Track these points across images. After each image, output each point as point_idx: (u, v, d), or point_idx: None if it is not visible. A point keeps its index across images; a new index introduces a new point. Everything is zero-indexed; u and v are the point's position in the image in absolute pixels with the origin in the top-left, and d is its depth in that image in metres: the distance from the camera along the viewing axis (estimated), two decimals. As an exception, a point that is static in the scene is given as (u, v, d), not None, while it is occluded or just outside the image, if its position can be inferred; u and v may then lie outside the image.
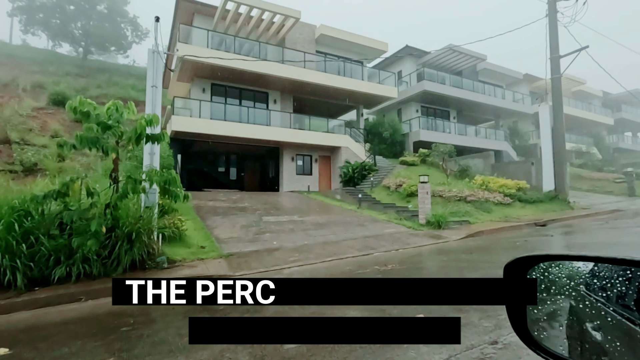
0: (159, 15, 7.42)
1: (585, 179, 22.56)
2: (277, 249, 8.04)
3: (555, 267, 0.86)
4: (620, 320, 0.66)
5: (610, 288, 0.73)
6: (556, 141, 14.91)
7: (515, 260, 0.87)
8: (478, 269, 5.48)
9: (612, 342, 0.68)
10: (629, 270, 0.69)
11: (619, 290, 0.71)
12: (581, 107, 33.83)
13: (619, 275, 0.72)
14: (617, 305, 0.70)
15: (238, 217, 11.13)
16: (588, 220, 11.60)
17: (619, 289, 0.71)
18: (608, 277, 0.75)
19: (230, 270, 6.37)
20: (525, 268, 0.87)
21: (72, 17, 41.24)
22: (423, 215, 10.91)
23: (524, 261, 0.87)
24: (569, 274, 0.84)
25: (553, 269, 0.86)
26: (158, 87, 7.48)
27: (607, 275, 0.76)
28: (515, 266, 0.87)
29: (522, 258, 0.87)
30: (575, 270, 0.83)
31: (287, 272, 6.28)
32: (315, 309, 3.75)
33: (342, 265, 6.50)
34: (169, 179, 5.67)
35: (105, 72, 35.78)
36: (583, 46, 14.61)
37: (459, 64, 27.11)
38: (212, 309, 3.91)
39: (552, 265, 0.86)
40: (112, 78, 33.62)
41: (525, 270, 0.87)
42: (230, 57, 16.19)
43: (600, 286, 0.77)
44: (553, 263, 0.86)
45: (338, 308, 3.62)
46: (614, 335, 0.68)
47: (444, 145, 17.56)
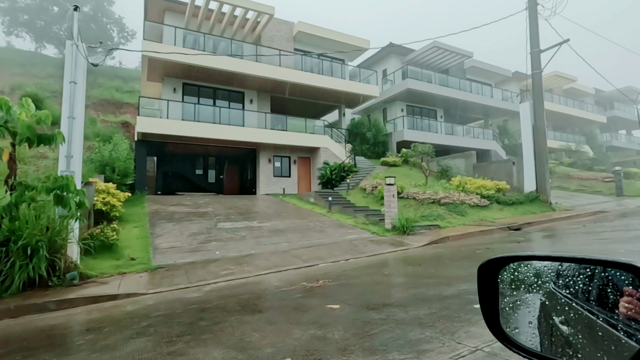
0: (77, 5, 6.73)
1: (574, 178, 21.85)
2: (216, 259, 7.34)
3: (524, 267, 0.89)
4: (585, 315, 0.72)
5: (575, 285, 0.78)
6: (537, 139, 14.22)
7: (487, 262, 0.90)
8: (414, 286, 4.78)
9: (576, 334, 0.74)
10: (588, 268, 0.76)
11: (582, 287, 0.76)
12: (573, 105, 33.15)
13: (582, 274, 0.77)
14: (582, 300, 0.75)
15: (193, 223, 10.43)
16: (566, 223, 10.89)
17: (582, 286, 0.76)
18: (573, 275, 0.80)
19: (146, 287, 5.67)
20: (497, 268, 0.90)
21: (57, 19, 40.65)
22: (389, 220, 10.20)
23: (496, 262, 0.90)
24: (538, 273, 0.87)
25: (522, 269, 0.89)
26: (78, 83, 6.79)
27: (572, 273, 0.80)
28: (487, 267, 0.90)
29: (493, 259, 0.89)
30: (544, 269, 0.87)
31: (209, 288, 5.57)
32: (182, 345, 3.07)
33: (273, 280, 5.80)
34: (62, 185, 4.96)
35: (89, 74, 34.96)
36: (564, 39, 13.94)
37: (445, 61, 26.45)
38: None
39: (521, 265, 0.89)
40: (97, 80, 32.92)
41: (497, 271, 0.90)
42: (195, 53, 15.50)
43: (565, 283, 0.81)
44: (522, 263, 0.89)
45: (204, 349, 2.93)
46: (579, 328, 0.74)
47: (423, 145, 16.86)
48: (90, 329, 3.88)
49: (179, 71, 17.07)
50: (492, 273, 0.89)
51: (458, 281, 4.68)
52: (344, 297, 4.38)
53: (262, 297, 4.73)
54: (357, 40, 21.86)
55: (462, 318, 3.25)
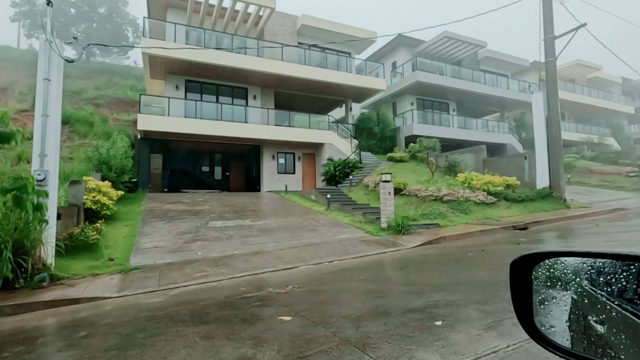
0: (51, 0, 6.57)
1: (595, 173, 20.56)
2: (196, 260, 7.09)
3: (560, 264, 0.86)
4: (624, 314, 0.68)
5: (614, 282, 0.74)
6: (551, 132, 13.32)
7: (520, 258, 0.87)
8: (382, 295, 4.36)
9: (616, 335, 0.70)
10: (632, 265, 0.71)
11: (621, 285, 0.73)
12: (597, 95, 31.29)
13: (622, 270, 0.73)
14: (620, 299, 0.71)
15: (184, 222, 10.26)
16: (578, 222, 10.09)
17: (622, 283, 0.73)
18: (611, 272, 0.76)
19: (112, 290, 5.47)
20: (531, 265, 0.87)
21: (74, 21, 41.70)
22: (385, 219, 9.72)
23: (530, 258, 0.87)
24: (574, 270, 0.83)
25: (558, 265, 0.86)
26: (52, 80, 6.64)
27: (610, 270, 0.76)
28: (521, 263, 0.87)
29: (527, 255, 0.87)
30: (580, 266, 0.83)
31: (175, 292, 5.32)
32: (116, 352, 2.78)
33: (243, 284, 5.49)
34: (21, 186, 4.78)
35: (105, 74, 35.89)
36: (581, 23, 12.96)
37: (458, 52, 25.39)
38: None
39: (557, 261, 0.86)
40: (112, 79, 33.60)
41: (530, 267, 0.87)
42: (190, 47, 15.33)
43: (603, 281, 0.77)
44: (558, 259, 0.86)
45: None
46: (617, 328, 0.70)
47: (428, 139, 16.17)
48: (26, 339, 3.66)
49: (181, 68, 16.97)
50: (526, 270, 0.87)
51: (432, 290, 4.22)
52: (302, 306, 4.01)
53: (219, 304, 4.42)
54: (363, 32, 21.21)
55: (414, 339, 2.82)
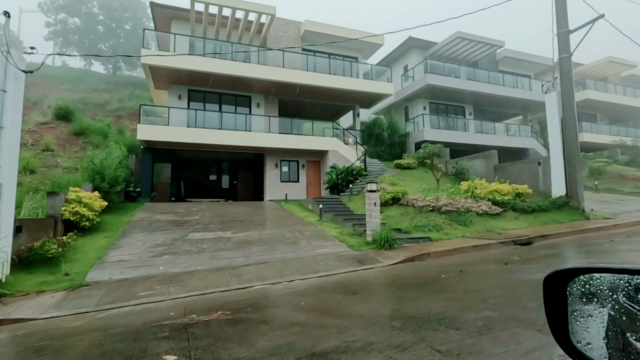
0: (8, 10, 6.51)
1: (628, 178, 18.63)
2: (152, 277, 6.70)
3: (595, 280, 0.84)
4: None
5: None
6: (567, 135, 12.05)
7: (554, 273, 0.86)
8: (301, 331, 3.70)
9: None
10: None
11: None
12: (633, 95, 28.79)
13: None
14: None
15: (165, 233, 9.98)
16: (594, 236, 8.87)
17: None
18: None
19: (43, 311, 5.14)
20: (566, 280, 0.86)
21: (102, 37, 43.90)
22: (370, 232, 8.97)
23: (564, 274, 0.86)
24: (610, 286, 0.81)
25: (594, 281, 0.84)
26: (8, 91, 6.53)
27: None
28: (555, 278, 0.86)
29: (561, 270, 0.86)
30: (617, 282, 0.81)
31: (103, 315, 4.91)
32: None
33: (176, 307, 4.98)
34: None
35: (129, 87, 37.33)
36: (599, 14, 11.73)
37: (473, 53, 24.16)
38: None
39: (592, 277, 0.84)
40: (135, 92, 34.86)
41: (565, 283, 0.86)
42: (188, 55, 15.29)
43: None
44: (594, 275, 0.84)
45: None
46: None
47: (432, 145, 15.20)
48: None
49: (184, 78, 17.05)
50: (560, 285, 0.86)
51: (361, 326, 3.53)
52: (203, 342, 3.44)
53: (125, 334, 3.94)
54: (370, 36, 20.55)
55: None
